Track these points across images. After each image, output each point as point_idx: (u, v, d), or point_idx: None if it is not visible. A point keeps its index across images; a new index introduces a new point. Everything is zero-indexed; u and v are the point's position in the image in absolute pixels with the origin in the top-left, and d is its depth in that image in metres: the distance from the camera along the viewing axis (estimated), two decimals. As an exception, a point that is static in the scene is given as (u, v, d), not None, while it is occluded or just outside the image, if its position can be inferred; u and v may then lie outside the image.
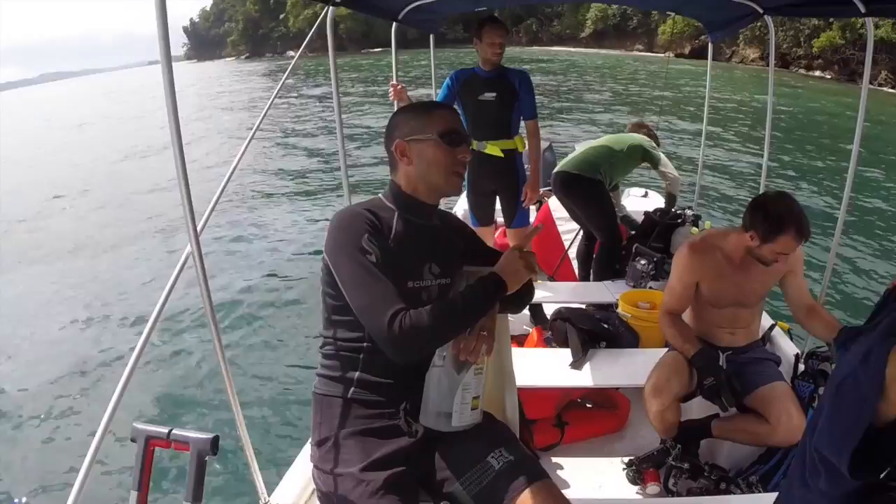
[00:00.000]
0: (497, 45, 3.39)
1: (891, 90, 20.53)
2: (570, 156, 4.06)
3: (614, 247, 3.93)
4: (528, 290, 1.61)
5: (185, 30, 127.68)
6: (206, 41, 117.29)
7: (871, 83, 2.79)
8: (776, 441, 2.19)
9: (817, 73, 28.85)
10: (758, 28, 31.12)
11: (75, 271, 7.64)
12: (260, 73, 47.48)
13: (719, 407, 2.17)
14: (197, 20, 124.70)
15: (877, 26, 25.40)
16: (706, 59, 4.92)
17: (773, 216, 2.12)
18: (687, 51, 38.15)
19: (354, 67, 40.93)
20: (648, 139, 4.07)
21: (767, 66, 3.74)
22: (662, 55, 42.57)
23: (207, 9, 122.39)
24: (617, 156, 3.94)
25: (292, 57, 2.79)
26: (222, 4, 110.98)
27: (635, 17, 48.61)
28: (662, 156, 4.07)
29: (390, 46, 3.76)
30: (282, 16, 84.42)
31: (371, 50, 62.86)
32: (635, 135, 4.10)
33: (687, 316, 2.48)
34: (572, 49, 54.18)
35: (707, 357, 2.23)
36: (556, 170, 4.02)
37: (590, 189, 3.86)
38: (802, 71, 28.80)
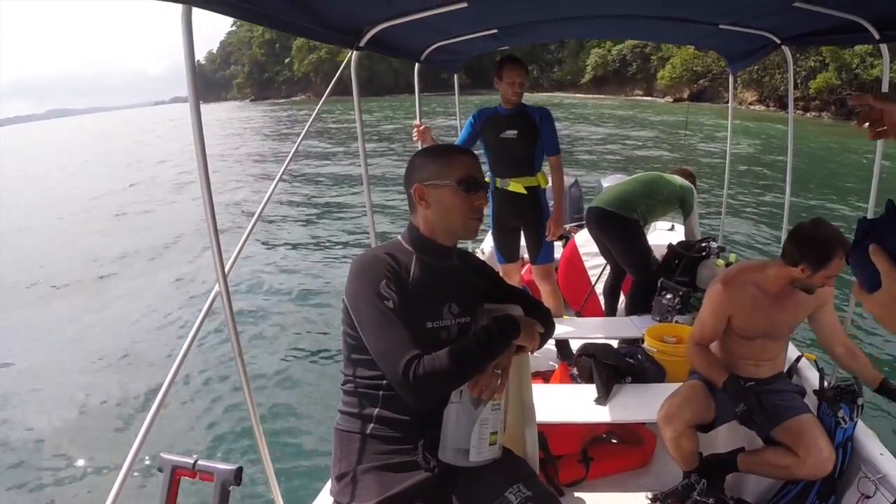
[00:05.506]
0: (517, 85, 3.43)
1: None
2: (606, 191, 4.06)
3: (647, 284, 3.87)
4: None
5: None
6: (211, 83, 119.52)
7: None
8: (804, 474, 2.17)
9: (814, 113, 29.25)
10: (755, 71, 31.69)
11: (100, 306, 7.68)
12: (269, 117, 48.12)
13: (756, 432, 2.14)
14: (203, 62, 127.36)
15: (871, 66, 25.70)
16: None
17: (822, 244, 2.13)
18: (686, 95, 38.71)
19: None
20: (690, 185, 4.04)
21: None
22: (661, 99, 43.28)
23: (214, 51, 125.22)
24: (657, 198, 3.92)
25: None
26: (229, 48, 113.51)
27: (634, 62, 49.60)
28: (696, 209, 4.08)
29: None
30: (287, 60, 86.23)
31: (379, 97, 64.01)
32: (677, 178, 4.07)
33: (713, 347, 2.47)
34: (572, 94, 55.09)
35: (736, 384, 2.22)
36: (591, 205, 4.01)
37: (625, 227, 3.82)
38: (800, 112, 29.16)
